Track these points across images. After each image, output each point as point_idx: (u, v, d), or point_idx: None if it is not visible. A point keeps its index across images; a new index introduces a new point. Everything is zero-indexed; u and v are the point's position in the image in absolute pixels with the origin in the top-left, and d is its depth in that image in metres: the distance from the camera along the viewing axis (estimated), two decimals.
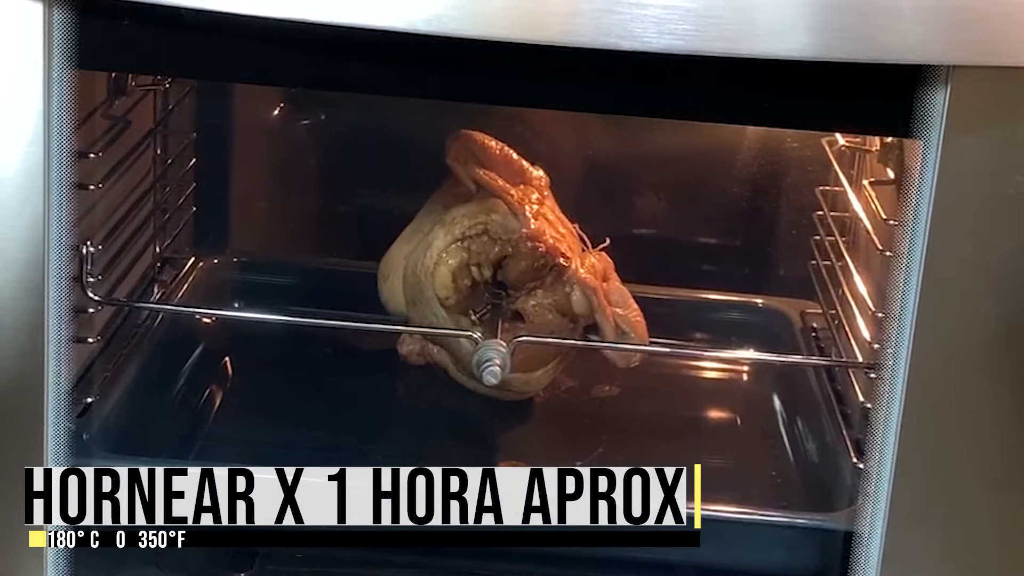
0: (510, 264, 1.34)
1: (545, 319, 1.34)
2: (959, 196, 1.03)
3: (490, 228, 1.34)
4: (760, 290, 1.61)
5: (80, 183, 1.14)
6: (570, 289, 1.34)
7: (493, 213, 1.34)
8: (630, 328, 1.35)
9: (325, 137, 1.64)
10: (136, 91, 1.38)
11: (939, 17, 0.97)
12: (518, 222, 1.33)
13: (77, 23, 1.01)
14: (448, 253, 1.34)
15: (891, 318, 1.07)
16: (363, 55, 1.03)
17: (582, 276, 1.34)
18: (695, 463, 1.34)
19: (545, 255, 1.33)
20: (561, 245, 1.34)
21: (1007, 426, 1.08)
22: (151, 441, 1.31)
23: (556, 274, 1.34)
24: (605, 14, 0.96)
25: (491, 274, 1.35)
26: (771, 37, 0.96)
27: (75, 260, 1.21)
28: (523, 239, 1.33)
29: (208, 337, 1.49)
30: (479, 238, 1.34)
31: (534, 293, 1.34)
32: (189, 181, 1.58)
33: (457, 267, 1.34)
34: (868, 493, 1.09)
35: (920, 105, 1.01)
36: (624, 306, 1.36)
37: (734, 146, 1.60)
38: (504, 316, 1.35)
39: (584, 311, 1.34)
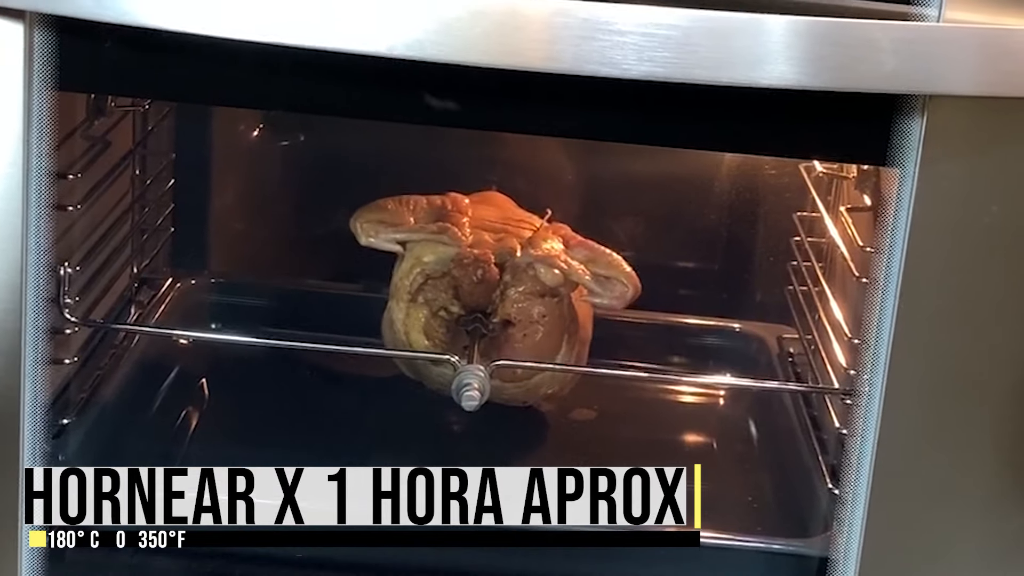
0: (462, 291, 1.35)
1: (533, 310, 1.35)
2: (935, 224, 1.04)
3: (429, 272, 1.35)
4: (737, 315, 1.61)
5: (59, 204, 1.14)
6: (534, 271, 1.34)
7: (424, 257, 1.35)
8: (609, 271, 1.36)
9: (304, 158, 1.65)
10: (116, 111, 1.38)
11: (915, 47, 0.98)
12: (447, 250, 1.34)
13: (58, 45, 1.01)
14: (410, 317, 1.35)
15: (867, 345, 1.08)
16: (344, 79, 1.03)
17: (536, 254, 1.35)
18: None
19: (477, 266, 1.34)
20: (490, 248, 1.35)
21: (982, 453, 1.08)
22: (127, 463, 1.30)
23: (512, 268, 1.34)
24: (585, 41, 0.96)
25: (460, 306, 1.35)
26: (749, 65, 0.97)
27: (53, 281, 1.20)
28: (456, 265, 1.34)
29: (185, 358, 1.48)
30: (425, 286, 1.35)
31: (506, 296, 1.35)
32: (167, 202, 1.58)
33: (425, 324, 1.35)
34: (843, 519, 1.10)
35: (897, 134, 1.02)
36: (595, 259, 1.37)
37: (712, 171, 1.61)
38: (494, 332, 1.35)
39: (557, 281, 1.35)
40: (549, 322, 1.35)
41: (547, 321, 1.35)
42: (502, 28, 0.97)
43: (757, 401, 1.50)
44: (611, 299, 1.36)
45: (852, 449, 1.09)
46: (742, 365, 1.55)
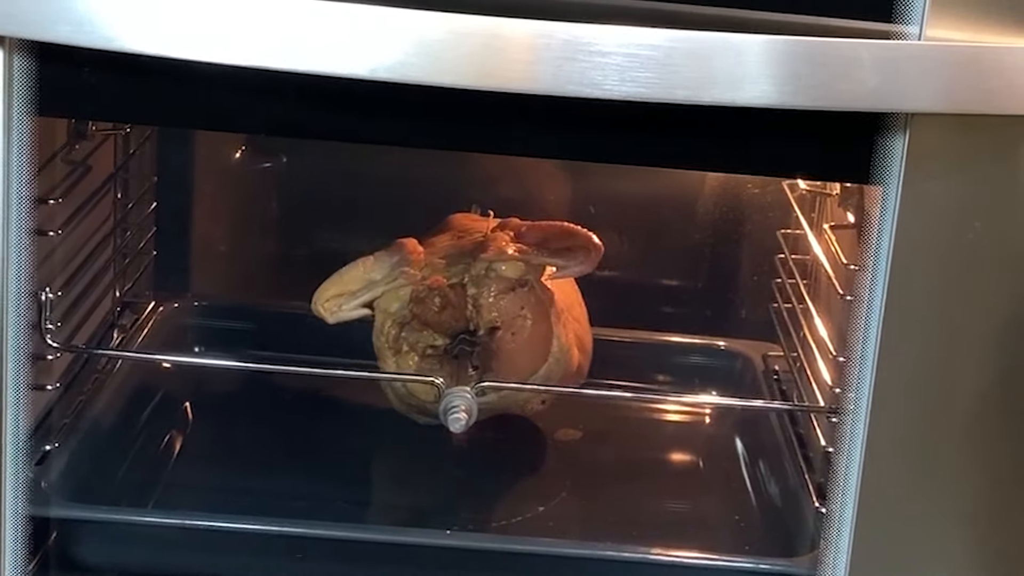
0: (434, 323, 1.35)
1: (512, 306, 1.34)
2: (919, 241, 1.04)
3: (399, 319, 1.35)
4: (723, 332, 1.61)
5: (40, 229, 1.13)
6: (495, 272, 1.35)
7: (390, 308, 1.35)
8: (567, 242, 1.37)
9: (287, 180, 1.64)
10: (97, 136, 1.38)
11: (896, 65, 0.98)
12: (408, 291, 1.34)
13: (37, 70, 1.00)
14: (403, 369, 1.35)
15: (852, 362, 1.07)
16: (325, 102, 1.03)
17: (490, 256, 1.35)
18: (658, 507, 1.35)
19: (432, 295, 1.34)
20: (442, 273, 1.35)
21: (968, 470, 1.08)
22: (110, 489, 1.29)
23: (473, 279, 1.34)
24: (567, 62, 0.96)
25: (442, 337, 1.35)
26: (731, 85, 0.97)
27: (34, 306, 1.20)
28: (414, 303, 1.34)
29: (168, 382, 1.48)
30: (402, 334, 1.35)
31: (480, 305, 1.34)
32: (150, 225, 1.58)
33: (418, 369, 1.35)
34: (830, 538, 1.09)
35: (879, 152, 1.02)
36: (549, 236, 1.38)
37: (696, 189, 1.61)
38: (482, 344, 1.35)
39: (520, 271, 1.35)
40: (532, 310, 1.35)
41: (530, 310, 1.35)
42: (484, 50, 0.96)
43: (743, 419, 1.50)
44: (579, 265, 1.37)
45: (838, 467, 1.09)
46: (727, 383, 1.55)
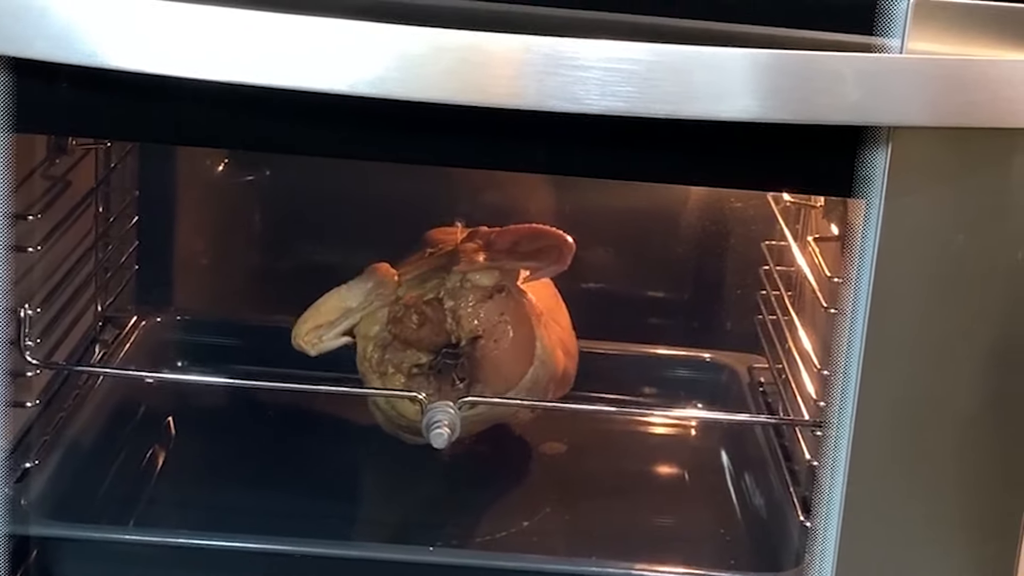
0: (414, 341, 1.34)
1: (491, 315, 1.34)
2: (902, 254, 1.04)
3: (380, 342, 1.34)
4: (708, 345, 1.61)
5: (18, 246, 1.13)
6: (470, 282, 1.34)
7: (369, 332, 1.35)
8: (537, 243, 1.37)
9: (269, 194, 1.63)
10: (77, 150, 1.37)
11: (878, 79, 0.97)
12: (385, 312, 1.34)
13: (15, 86, 1.00)
14: (388, 376, 1.35)
15: (836, 375, 1.07)
16: (306, 117, 1.02)
17: (462, 267, 1.34)
18: (643, 521, 1.35)
19: (408, 313, 1.33)
20: (416, 290, 1.34)
21: (952, 484, 1.08)
22: (91, 506, 1.28)
23: (449, 292, 1.34)
24: (548, 76, 0.96)
25: (425, 354, 1.34)
26: (713, 99, 0.97)
27: (13, 323, 1.19)
28: (392, 324, 1.34)
29: (150, 397, 1.47)
30: (385, 356, 1.34)
31: (459, 317, 1.34)
32: (131, 239, 1.57)
33: (404, 373, 1.34)
34: (815, 551, 1.09)
35: (862, 165, 1.02)
36: (520, 239, 1.38)
37: (680, 201, 1.61)
38: (464, 356, 1.34)
39: (494, 279, 1.35)
40: (512, 315, 1.35)
41: (509, 315, 1.35)
42: (465, 65, 0.96)
43: (729, 432, 1.49)
44: (553, 265, 1.37)
45: (823, 481, 1.08)
46: (713, 395, 1.55)
